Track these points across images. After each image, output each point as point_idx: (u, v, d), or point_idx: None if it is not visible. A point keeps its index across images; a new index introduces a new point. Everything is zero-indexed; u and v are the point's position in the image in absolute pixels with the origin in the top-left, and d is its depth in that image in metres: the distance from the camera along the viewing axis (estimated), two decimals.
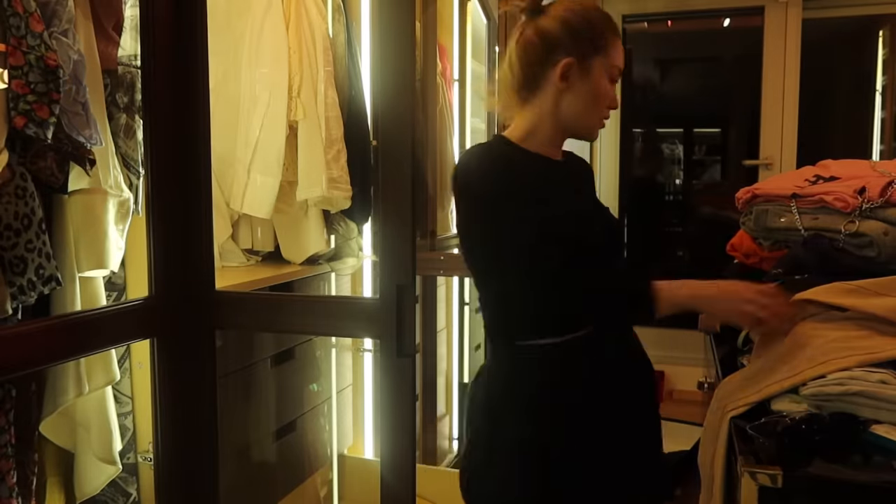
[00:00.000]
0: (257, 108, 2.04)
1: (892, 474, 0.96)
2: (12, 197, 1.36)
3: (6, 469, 1.42)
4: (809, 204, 1.57)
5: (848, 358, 1.12)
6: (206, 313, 1.44)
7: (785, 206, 1.69)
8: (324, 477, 2.39)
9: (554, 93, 1.25)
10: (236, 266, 2.16)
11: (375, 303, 1.29)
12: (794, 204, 1.60)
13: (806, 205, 1.58)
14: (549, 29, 1.25)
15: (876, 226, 1.55)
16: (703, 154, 4.29)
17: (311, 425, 2.25)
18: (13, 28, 1.29)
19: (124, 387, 1.78)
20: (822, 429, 1.04)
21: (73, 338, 1.27)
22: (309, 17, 2.08)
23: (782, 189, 1.64)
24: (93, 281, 1.64)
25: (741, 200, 1.74)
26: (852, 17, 3.56)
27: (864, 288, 1.27)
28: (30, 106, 1.31)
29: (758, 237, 1.79)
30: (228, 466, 1.82)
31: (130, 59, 1.66)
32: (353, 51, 2.22)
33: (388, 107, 1.28)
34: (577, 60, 1.24)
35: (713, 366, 1.68)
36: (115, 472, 1.70)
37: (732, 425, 1.16)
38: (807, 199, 1.58)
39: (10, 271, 1.36)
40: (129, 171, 1.68)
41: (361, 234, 2.36)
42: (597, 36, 1.25)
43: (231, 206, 2.08)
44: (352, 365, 2.51)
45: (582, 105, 1.26)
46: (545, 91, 1.26)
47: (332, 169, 2.07)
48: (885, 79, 3.67)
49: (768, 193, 1.68)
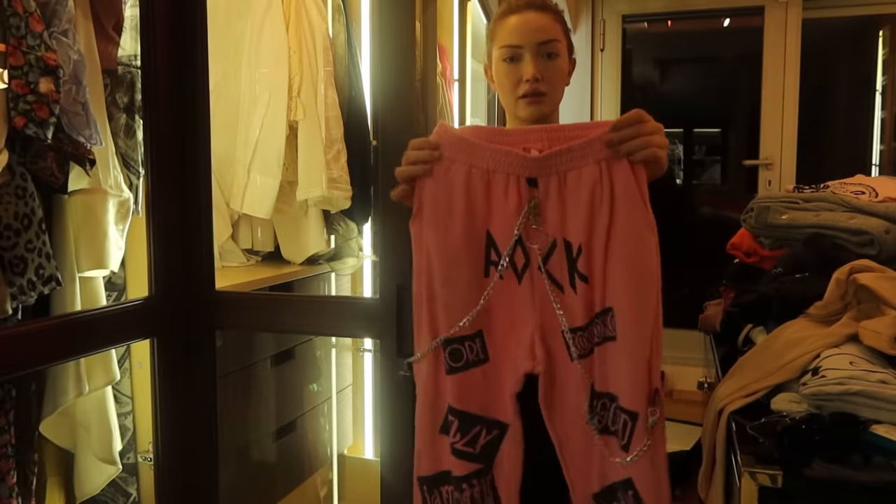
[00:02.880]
0: (257, 108, 2.04)
1: (892, 474, 0.96)
2: (12, 197, 1.36)
3: (6, 469, 1.42)
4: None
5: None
6: (206, 313, 1.43)
7: (787, 203, 1.70)
8: (324, 477, 2.39)
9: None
10: (236, 266, 2.16)
11: (375, 303, 1.29)
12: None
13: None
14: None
15: (877, 223, 1.56)
16: (703, 154, 4.29)
17: (311, 425, 2.25)
18: (13, 28, 1.29)
19: (124, 387, 1.78)
20: (822, 429, 1.04)
21: (73, 338, 1.26)
22: (309, 17, 2.08)
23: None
24: (93, 281, 1.64)
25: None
26: (852, 17, 3.55)
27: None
28: (30, 106, 1.31)
29: (759, 235, 1.79)
30: (228, 466, 1.82)
31: (130, 59, 1.66)
32: (353, 51, 2.22)
33: (388, 107, 1.28)
34: (488, 60, 1.31)
35: (713, 366, 1.68)
36: (115, 472, 1.70)
37: (732, 423, 1.16)
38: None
39: (10, 271, 1.36)
40: (129, 171, 1.68)
41: (361, 234, 2.36)
42: (491, 30, 1.30)
43: (231, 206, 2.08)
44: (352, 365, 2.51)
45: (501, 96, 1.29)
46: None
47: (332, 169, 2.07)
48: (885, 79, 3.67)
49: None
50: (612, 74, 3.73)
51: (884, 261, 1.44)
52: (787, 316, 1.40)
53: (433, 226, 1.06)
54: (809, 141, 3.50)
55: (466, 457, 1.07)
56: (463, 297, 1.06)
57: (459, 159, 1.05)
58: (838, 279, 1.32)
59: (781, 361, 1.22)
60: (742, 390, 1.22)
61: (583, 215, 1.01)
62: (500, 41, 1.26)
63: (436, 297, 1.07)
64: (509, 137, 1.06)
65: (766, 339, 1.40)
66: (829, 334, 1.24)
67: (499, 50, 1.25)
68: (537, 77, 1.22)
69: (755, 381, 1.22)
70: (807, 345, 1.23)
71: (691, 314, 2.08)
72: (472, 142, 1.05)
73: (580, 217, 1.01)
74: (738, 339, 1.55)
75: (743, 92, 3.96)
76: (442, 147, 1.07)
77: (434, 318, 1.08)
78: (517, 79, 1.24)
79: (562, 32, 1.27)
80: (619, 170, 0.99)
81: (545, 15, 1.26)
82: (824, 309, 1.32)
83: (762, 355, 1.31)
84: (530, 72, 1.22)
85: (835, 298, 1.31)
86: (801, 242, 1.64)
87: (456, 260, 1.05)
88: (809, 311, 1.35)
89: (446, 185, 1.06)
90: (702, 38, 4.25)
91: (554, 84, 1.25)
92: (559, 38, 1.25)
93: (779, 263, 1.64)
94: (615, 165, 0.99)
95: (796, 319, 1.37)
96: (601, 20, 3.71)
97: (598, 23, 3.71)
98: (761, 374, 1.23)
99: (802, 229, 1.67)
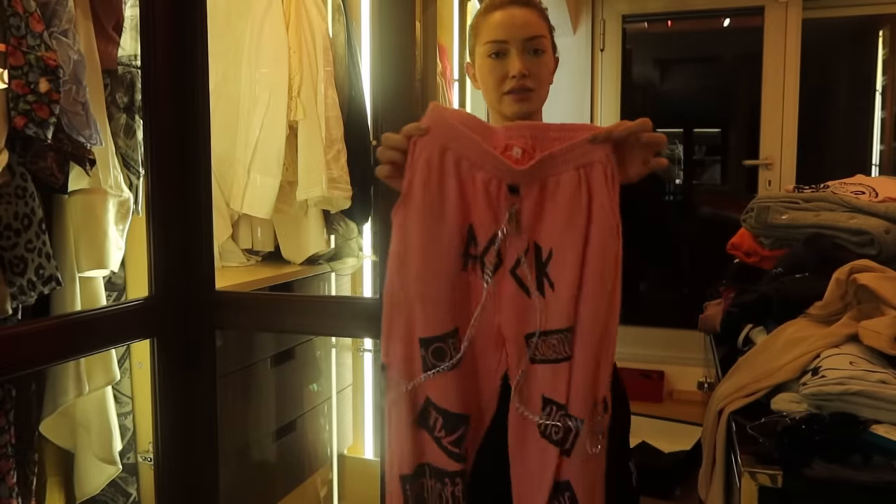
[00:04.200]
0: (257, 108, 2.04)
1: (892, 474, 0.96)
2: (12, 197, 1.36)
3: (6, 469, 1.42)
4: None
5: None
6: (206, 313, 1.43)
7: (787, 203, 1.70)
8: (324, 477, 2.39)
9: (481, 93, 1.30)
10: (236, 266, 2.16)
11: (375, 303, 1.29)
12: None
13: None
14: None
15: (877, 223, 1.55)
16: (704, 154, 4.28)
17: (311, 425, 2.25)
18: (13, 28, 1.29)
19: (124, 387, 1.78)
20: (822, 429, 1.04)
21: (73, 338, 1.26)
22: (309, 17, 2.08)
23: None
24: (93, 281, 1.64)
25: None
26: (852, 17, 3.55)
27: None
28: (30, 106, 1.31)
29: (759, 235, 1.79)
30: (228, 466, 1.82)
31: (130, 59, 1.66)
32: (353, 51, 2.22)
33: (388, 107, 1.28)
34: (471, 59, 1.30)
35: (713, 366, 1.68)
36: (115, 472, 1.70)
37: (732, 423, 1.16)
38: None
39: (10, 271, 1.36)
40: (129, 171, 1.68)
41: (361, 234, 2.36)
42: (473, 27, 1.28)
43: (231, 206, 2.08)
44: (352, 365, 2.51)
45: (484, 93, 1.28)
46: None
47: (332, 169, 2.07)
48: (885, 79, 3.67)
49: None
50: (612, 74, 3.73)
51: (884, 261, 1.44)
52: (787, 316, 1.40)
53: (424, 213, 1.02)
54: (809, 141, 3.50)
55: (454, 457, 1.05)
56: (447, 291, 1.03)
57: (451, 147, 1.02)
58: (838, 279, 1.32)
59: (781, 361, 1.22)
60: (742, 390, 1.22)
61: (559, 220, 1.00)
62: (485, 36, 1.24)
63: (419, 290, 1.03)
64: (495, 135, 1.04)
65: (766, 339, 1.40)
66: (829, 334, 1.24)
67: (483, 46, 1.24)
68: (524, 73, 1.20)
69: (755, 381, 1.22)
70: (807, 345, 1.23)
71: (691, 314, 2.08)
72: (463, 132, 1.02)
73: (556, 222, 1.00)
74: (738, 339, 1.55)
75: (743, 92, 3.96)
76: (432, 129, 1.02)
77: (413, 312, 1.04)
78: (503, 75, 1.22)
79: (546, 29, 1.26)
80: (596, 176, 0.99)
81: (530, 11, 1.24)
82: (824, 309, 1.32)
83: (762, 355, 1.31)
84: (517, 67, 1.20)
85: (835, 298, 1.31)
86: (801, 242, 1.64)
87: (447, 250, 1.02)
88: (809, 311, 1.35)
89: (439, 172, 1.02)
90: (702, 38, 4.25)
91: (541, 80, 1.24)
92: (545, 35, 1.24)
93: (779, 263, 1.64)
94: (592, 172, 0.99)
95: (796, 319, 1.37)
96: (601, 20, 3.71)
97: (598, 23, 3.71)
98: (761, 374, 1.23)
99: (802, 229, 1.67)
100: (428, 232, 1.02)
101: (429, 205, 1.02)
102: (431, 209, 1.02)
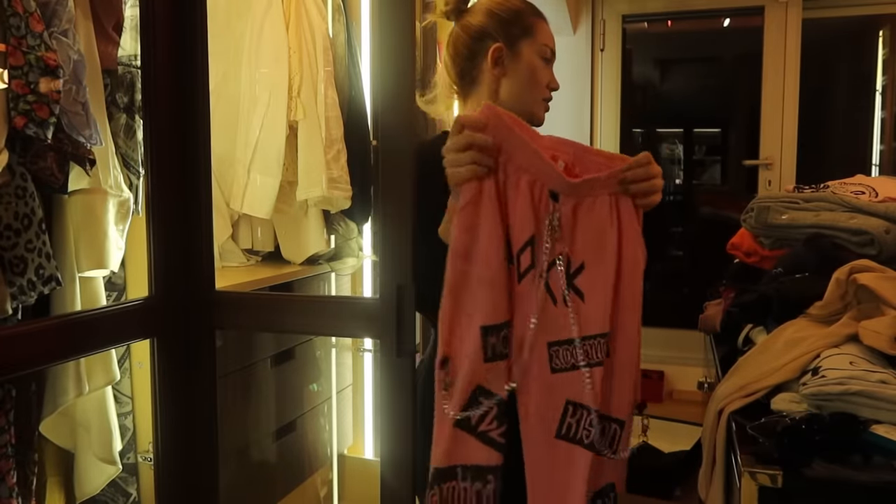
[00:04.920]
0: (257, 108, 2.04)
1: (892, 474, 0.96)
2: (12, 197, 1.36)
3: (6, 469, 1.42)
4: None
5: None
6: (206, 313, 1.43)
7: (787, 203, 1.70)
8: (324, 477, 2.39)
9: (491, 81, 1.29)
10: (236, 266, 2.16)
11: (375, 303, 1.29)
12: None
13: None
14: (475, 22, 1.31)
15: (877, 223, 1.55)
16: (704, 154, 4.28)
17: (311, 425, 2.25)
18: (13, 28, 1.29)
19: (124, 387, 1.78)
20: (822, 429, 1.04)
21: (73, 338, 1.26)
22: (309, 17, 2.08)
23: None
24: (93, 281, 1.64)
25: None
26: (852, 17, 3.55)
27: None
28: (30, 106, 1.31)
29: (759, 235, 1.79)
30: (228, 466, 1.82)
31: (130, 59, 1.66)
32: (353, 51, 2.22)
33: (388, 107, 1.27)
34: (506, 45, 1.28)
35: (713, 366, 1.68)
36: (115, 472, 1.70)
37: (732, 423, 1.16)
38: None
39: (10, 271, 1.36)
40: (129, 171, 1.68)
41: (361, 234, 2.36)
42: (521, 19, 1.29)
43: (231, 206, 2.08)
44: (352, 365, 2.51)
45: (518, 87, 1.28)
46: (483, 82, 1.30)
47: (332, 169, 2.07)
48: (885, 79, 3.67)
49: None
50: (612, 74, 3.73)
51: (884, 261, 1.44)
52: (787, 316, 1.40)
53: (491, 209, 1.04)
54: (809, 141, 3.50)
55: (499, 447, 1.05)
56: (504, 284, 1.05)
57: (504, 148, 1.05)
58: (838, 279, 1.32)
59: (781, 361, 1.22)
60: (742, 390, 1.22)
61: (592, 237, 1.05)
62: (542, 39, 1.29)
63: (483, 280, 1.04)
64: (542, 141, 1.07)
65: (766, 339, 1.40)
66: (829, 334, 1.24)
67: (539, 46, 1.28)
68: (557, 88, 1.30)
69: (755, 381, 1.22)
70: (807, 345, 1.23)
71: (691, 314, 2.08)
72: (517, 134, 1.05)
73: (589, 238, 1.05)
74: (738, 339, 1.55)
75: (743, 92, 3.96)
76: (489, 132, 1.04)
77: (475, 302, 1.05)
78: (547, 81, 1.28)
79: None
80: (624, 205, 1.06)
81: None
82: (824, 309, 1.32)
83: (762, 355, 1.31)
84: (557, 82, 1.29)
85: (835, 298, 1.31)
86: (801, 242, 1.63)
87: (503, 245, 1.05)
88: (809, 311, 1.35)
89: (495, 171, 1.06)
90: (702, 38, 4.25)
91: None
92: None
93: (779, 263, 1.64)
94: (622, 200, 1.05)
95: (796, 319, 1.37)
96: (601, 20, 3.71)
97: (598, 23, 3.71)
98: (761, 374, 1.23)
99: (802, 229, 1.67)
100: (496, 227, 1.05)
101: (493, 200, 1.05)
102: (494, 205, 1.05)
